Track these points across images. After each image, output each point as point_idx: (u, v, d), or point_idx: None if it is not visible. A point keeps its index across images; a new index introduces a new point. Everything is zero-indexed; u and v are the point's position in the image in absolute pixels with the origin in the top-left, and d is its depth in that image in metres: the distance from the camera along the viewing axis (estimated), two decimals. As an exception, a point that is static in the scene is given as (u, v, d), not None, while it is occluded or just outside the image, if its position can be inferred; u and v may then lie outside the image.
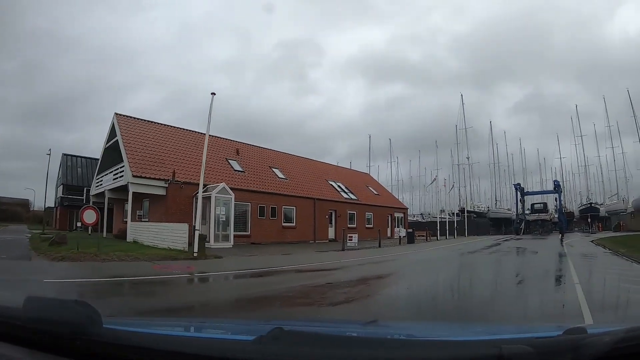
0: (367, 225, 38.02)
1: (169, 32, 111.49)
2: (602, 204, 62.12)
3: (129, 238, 23.60)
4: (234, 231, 26.04)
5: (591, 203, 61.85)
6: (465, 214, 53.40)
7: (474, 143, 72.75)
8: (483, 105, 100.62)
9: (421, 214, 74.40)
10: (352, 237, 24.04)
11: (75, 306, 1.42)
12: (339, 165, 46.06)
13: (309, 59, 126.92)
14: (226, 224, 24.70)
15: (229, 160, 30.48)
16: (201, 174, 18.35)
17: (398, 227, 43.13)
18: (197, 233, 16.62)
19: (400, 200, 53.72)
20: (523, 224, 57.02)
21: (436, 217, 50.03)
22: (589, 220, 53.05)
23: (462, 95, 76.95)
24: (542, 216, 57.81)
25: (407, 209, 50.93)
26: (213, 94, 18.23)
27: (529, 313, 6.70)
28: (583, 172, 71.23)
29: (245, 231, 27.56)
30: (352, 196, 38.47)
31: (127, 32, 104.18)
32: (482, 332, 2.42)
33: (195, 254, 16.13)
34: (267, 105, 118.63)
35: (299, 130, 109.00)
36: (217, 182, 25.45)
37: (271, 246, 25.29)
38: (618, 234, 38.29)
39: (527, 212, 59.24)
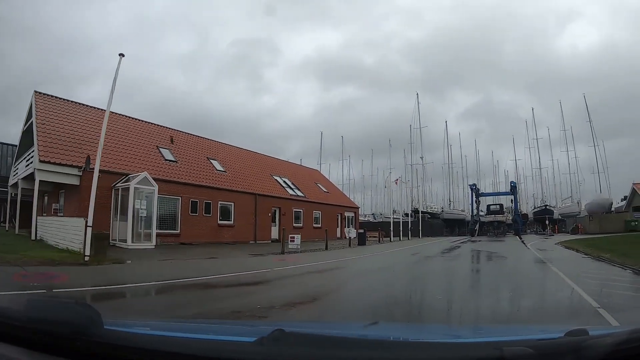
0: (314, 225, 35.08)
1: (125, 25, 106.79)
2: (554, 207, 61.81)
3: (37, 235, 20.22)
4: (160, 229, 22.60)
5: (546, 205, 60.96)
6: (420, 214, 51.39)
7: (427, 146, 71.13)
8: (434, 110, 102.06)
9: (373, 214, 72.26)
10: (294, 237, 20.94)
11: (76, 307, 1.47)
12: (288, 161, 43.06)
13: (264, 59, 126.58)
14: (149, 220, 21.14)
15: (161, 149, 26.69)
16: (97, 157, 14.79)
17: (348, 227, 40.65)
18: (89, 231, 13.07)
19: (352, 200, 51.20)
20: (477, 225, 55.44)
21: (389, 218, 47.93)
22: (547, 222, 52.10)
23: (417, 94, 74.66)
24: (499, 218, 56.29)
25: (358, 208, 48.34)
26: (121, 55, 14.65)
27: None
28: (537, 175, 71.14)
29: (174, 229, 24.02)
30: (299, 193, 35.44)
31: (83, 22, 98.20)
32: (483, 334, 2.43)
33: (86, 258, 12.63)
34: (222, 102, 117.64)
35: (253, 129, 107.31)
36: (142, 172, 21.87)
37: (203, 247, 21.99)
38: (578, 236, 37.16)
39: (481, 213, 58.15)
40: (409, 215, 52.93)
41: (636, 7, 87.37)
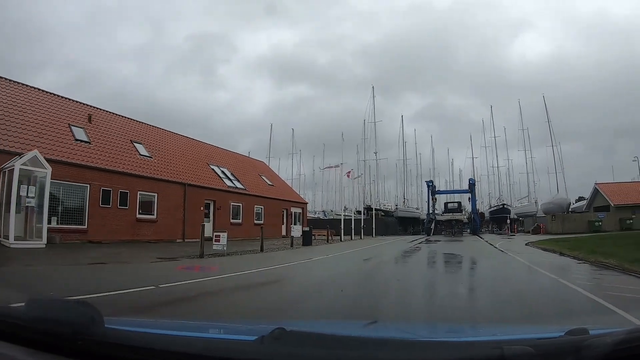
0: (256, 221, 31.38)
1: (80, 14, 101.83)
2: (510, 206, 60.14)
3: None
4: (62, 223, 18.70)
5: (504, 204, 58.96)
6: (373, 212, 48.42)
7: (381, 145, 68.30)
8: (388, 111, 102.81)
9: (323, 211, 69.13)
10: (219, 236, 17.28)
11: (77, 306, 1.45)
12: (230, 150, 38.98)
13: (219, 54, 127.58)
14: (40, 212, 17.03)
15: (73, 127, 22.29)
16: None
17: (295, 224, 37.41)
18: None
19: (301, 196, 47.73)
20: (433, 224, 52.71)
21: (340, 215, 45.01)
22: (509, 221, 50.27)
23: (372, 86, 71.61)
24: (457, 216, 53.69)
25: (306, 203, 44.52)
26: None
27: None
28: (492, 174, 69.98)
29: (80, 224, 19.85)
30: (239, 185, 31.62)
31: (37, 10, 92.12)
32: (483, 333, 2.44)
33: None
34: (175, 96, 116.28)
35: (205, 124, 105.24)
36: (44, 153, 17.80)
37: (113, 246, 18.20)
38: (543, 236, 35.24)
39: (437, 211, 55.92)
40: (362, 212, 50.11)
41: (585, 20, 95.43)
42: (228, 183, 30.38)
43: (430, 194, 55.17)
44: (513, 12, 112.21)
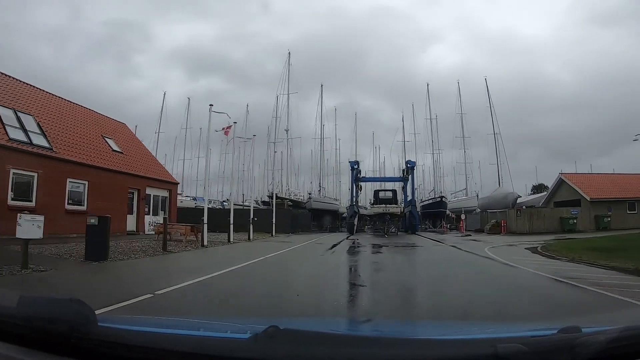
0: (72, 206, 18.29)
1: None
2: (447, 200, 49.65)
3: None
4: None
5: (442, 197, 47.49)
6: (274, 200, 33.93)
7: (295, 141, 57.22)
8: (300, 110, 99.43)
9: (222, 201, 56.24)
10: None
11: (71, 304, 1.39)
12: (58, 96, 23.95)
13: (135, 43, 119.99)
14: None
15: None
16: None
17: (157, 214, 24.76)
18: None
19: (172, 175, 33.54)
20: (357, 219, 40.62)
21: (242, 205, 32.73)
22: (463, 216, 38.43)
23: (289, 52, 58.62)
24: (391, 209, 39.42)
25: (176, 184, 30.43)
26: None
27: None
28: (424, 164, 60.67)
29: None
30: (41, 142, 18.07)
31: None
32: (477, 331, 2.32)
33: None
34: (87, 81, 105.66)
35: (117, 112, 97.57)
36: None
37: None
38: (516, 237, 25.42)
39: (360, 204, 44.74)
40: (270, 203, 37.91)
41: (491, 37, 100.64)
42: (16, 135, 16.70)
43: (354, 179, 41.98)
44: (424, 25, 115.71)
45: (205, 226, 18.76)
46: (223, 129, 21.36)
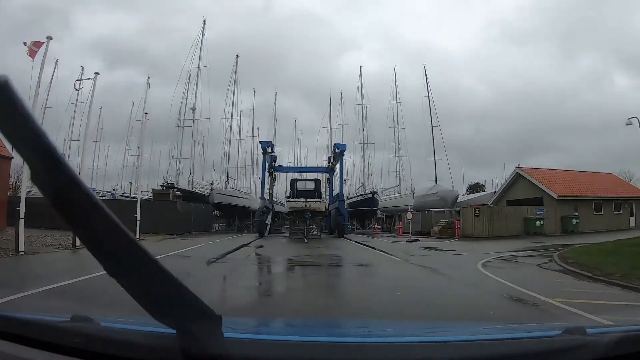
0: None
1: None
2: (378, 196, 43.01)
3: None
4: None
5: (374, 193, 40.89)
6: (137, 187, 25.74)
7: (208, 138, 48.65)
8: (216, 107, 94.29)
9: (113, 190, 46.73)
10: None
11: (73, 304, 1.58)
12: None
13: (54, 30, 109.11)
14: None
15: None
16: None
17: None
18: None
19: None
20: (270, 217, 33.10)
21: (135, 196, 24.47)
22: (409, 215, 31.86)
23: (204, 20, 49.88)
24: (313, 204, 30.52)
25: (10, 159, 20.42)
26: None
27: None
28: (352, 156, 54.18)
29: None
30: None
31: None
32: (482, 332, 2.12)
33: None
34: (3, 67, 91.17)
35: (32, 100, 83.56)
36: None
37: None
38: (489, 243, 19.70)
39: (275, 199, 37.44)
40: (169, 194, 30.25)
41: (408, 48, 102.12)
42: None
43: (266, 166, 33.62)
44: (344, 32, 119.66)
45: (22, 222, 12.92)
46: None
